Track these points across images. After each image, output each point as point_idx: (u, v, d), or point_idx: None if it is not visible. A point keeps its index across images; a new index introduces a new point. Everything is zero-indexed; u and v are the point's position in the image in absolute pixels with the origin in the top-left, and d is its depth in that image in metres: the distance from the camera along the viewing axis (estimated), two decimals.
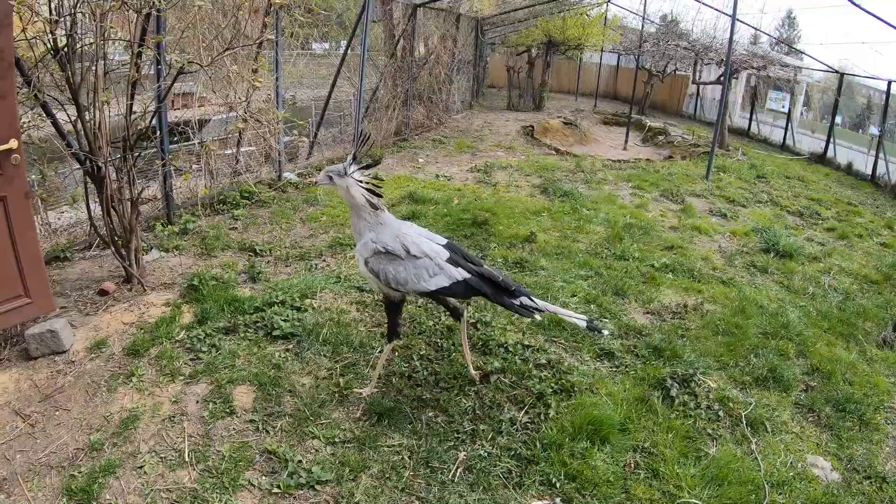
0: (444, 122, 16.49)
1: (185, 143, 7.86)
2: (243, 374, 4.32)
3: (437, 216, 7.91)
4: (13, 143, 4.13)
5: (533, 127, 16.89)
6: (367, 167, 3.75)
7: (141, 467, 3.50)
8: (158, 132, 5.92)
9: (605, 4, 24.42)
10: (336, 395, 4.19)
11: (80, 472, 3.44)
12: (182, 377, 4.30)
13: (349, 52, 11.49)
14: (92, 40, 4.81)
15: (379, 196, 3.72)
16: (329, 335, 4.79)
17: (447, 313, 4.76)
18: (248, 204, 8.00)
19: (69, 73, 4.69)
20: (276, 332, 4.79)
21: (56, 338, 4.45)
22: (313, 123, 11.09)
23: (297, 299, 5.27)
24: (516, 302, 3.75)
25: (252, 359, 4.51)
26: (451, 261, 3.67)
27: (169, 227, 6.76)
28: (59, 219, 6.43)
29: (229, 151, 8.72)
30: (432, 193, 9.06)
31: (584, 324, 3.89)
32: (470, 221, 7.61)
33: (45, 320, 4.66)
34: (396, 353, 4.65)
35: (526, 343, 4.83)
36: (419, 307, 5.29)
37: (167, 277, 5.73)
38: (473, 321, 5.07)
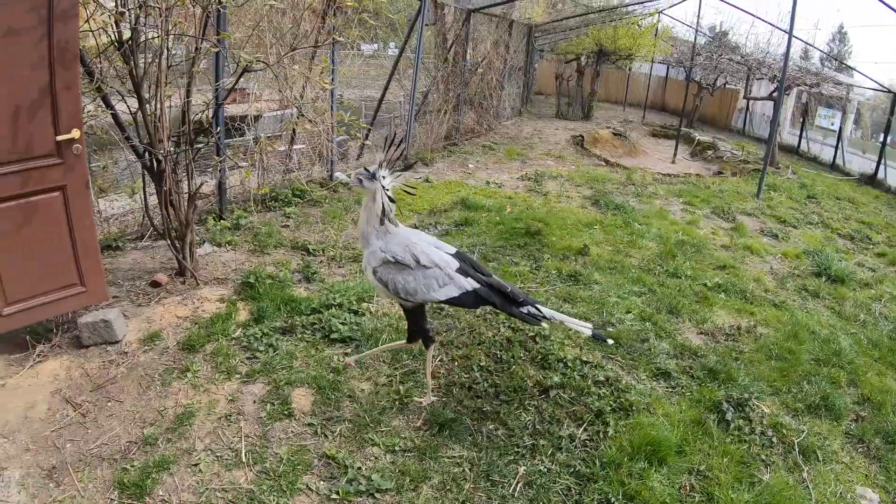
0: (494, 128, 16.40)
1: (240, 139, 7.89)
2: (301, 376, 4.28)
3: (489, 224, 7.83)
4: (75, 133, 4.16)
5: (583, 137, 16.70)
6: (398, 172, 3.67)
7: (196, 465, 3.48)
8: (216, 127, 5.92)
9: (656, 15, 24.09)
10: (396, 402, 4.13)
11: (132, 466, 3.43)
12: (238, 376, 4.28)
13: (400, 54, 11.49)
14: (154, 34, 4.83)
15: (392, 201, 3.64)
16: (388, 341, 4.73)
17: (506, 324, 4.71)
18: (299, 202, 8.01)
19: (132, 65, 4.71)
20: (333, 335, 4.75)
21: (109, 328, 4.46)
22: (347, 122, 11.08)
23: (354, 303, 5.23)
24: (524, 311, 3.72)
25: (310, 361, 4.47)
26: (460, 271, 3.61)
27: (221, 221, 6.79)
28: (109, 207, 6.48)
29: (281, 148, 8.75)
30: (484, 200, 8.99)
31: (589, 332, 3.83)
32: (523, 231, 7.52)
33: (97, 309, 4.69)
34: (456, 364, 4.58)
35: (584, 359, 4.72)
36: (478, 317, 5.22)
37: (220, 272, 5.75)
38: (532, 334, 4.97)
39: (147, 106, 4.86)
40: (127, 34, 4.69)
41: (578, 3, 21.40)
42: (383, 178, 3.55)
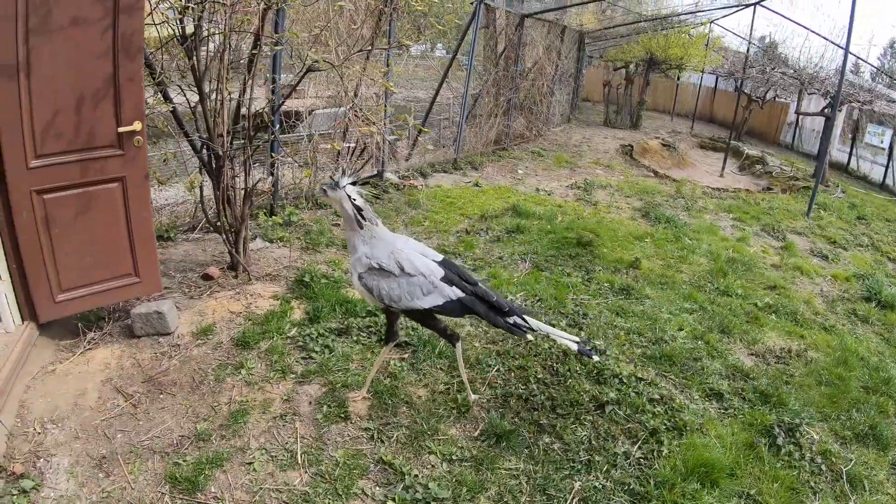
0: (544, 134, 16.27)
1: (292, 135, 7.91)
2: (357, 379, 4.24)
3: (541, 232, 7.74)
4: (137, 126, 4.18)
5: (632, 146, 16.46)
6: (360, 184, 3.66)
7: (250, 464, 3.45)
8: (274, 124, 5.92)
9: (708, 24, 23.64)
10: (453, 411, 4.07)
11: (185, 461, 3.42)
12: (294, 375, 4.26)
13: (453, 57, 11.44)
14: (217, 30, 4.84)
15: (360, 210, 3.57)
16: (445, 348, 4.67)
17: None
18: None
19: (195, 60, 4.72)
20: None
21: (162, 319, 4.47)
22: (412, 126, 11.02)
23: None
24: (510, 321, 3.63)
25: (366, 364, 4.43)
26: (445, 279, 3.54)
27: (273, 217, 6.79)
28: (159, 197, 6.53)
29: (326, 146, 8.75)
30: (534, 208, 8.89)
31: (575, 347, 3.73)
32: (574, 241, 7.41)
33: (150, 300, 4.71)
34: (513, 374, 4.51)
35: (639, 376, 4.62)
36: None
37: (272, 269, 5.75)
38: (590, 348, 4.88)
39: (207, 101, 4.86)
40: (190, 29, 4.70)
41: (630, 11, 21.07)
42: (345, 187, 3.53)
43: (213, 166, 5.05)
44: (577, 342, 3.70)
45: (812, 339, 5.92)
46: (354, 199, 3.52)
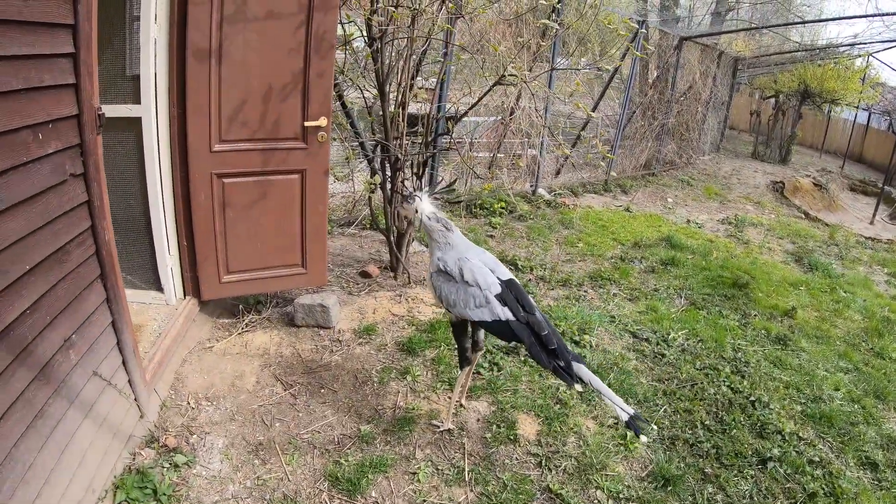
0: (692, 162, 15.65)
1: (448, 141, 7.88)
2: (526, 401, 4.08)
3: (695, 268, 7.35)
4: (322, 121, 4.20)
5: (783, 184, 15.54)
6: (437, 196, 3.65)
7: (414, 474, 3.36)
8: (437, 129, 5.87)
9: (867, 57, 21.95)
10: (621, 447, 3.84)
11: (346, 461, 3.36)
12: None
13: (612, 77, 11.14)
14: (402, 35, 4.82)
15: (436, 220, 3.51)
16: (614, 381, 4.46)
17: (726, 383, 4.57)
18: (503, 213, 7.86)
19: (379, 63, 4.71)
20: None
21: (326, 313, 4.48)
22: (567, 142, 10.79)
23: (576, 333, 4.99)
24: (559, 363, 3.27)
25: (534, 387, 4.27)
26: (499, 297, 3.33)
27: None
28: None
29: (482, 154, 8.68)
30: (687, 240, 8.49)
31: (626, 417, 3.23)
32: (730, 281, 6.99)
33: (314, 292, 4.73)
34: (679, 417, 4.24)
35: (800, 434, 4.27)
36: (698, 370, 4.85)
37: None
38: (752, 399, 4.55)
39: (387, 103, 4.84)
40: (377, 32, 4.70)
41: (787, 39, 19.99)
42: (420, 200, 3.52)
43: (387, 167, 5.03)
44: (630, 415, 3.25)
45: None
46: (427, 212, 3.51)
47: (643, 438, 3.63)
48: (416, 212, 3.53)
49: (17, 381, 2.34)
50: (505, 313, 3.32)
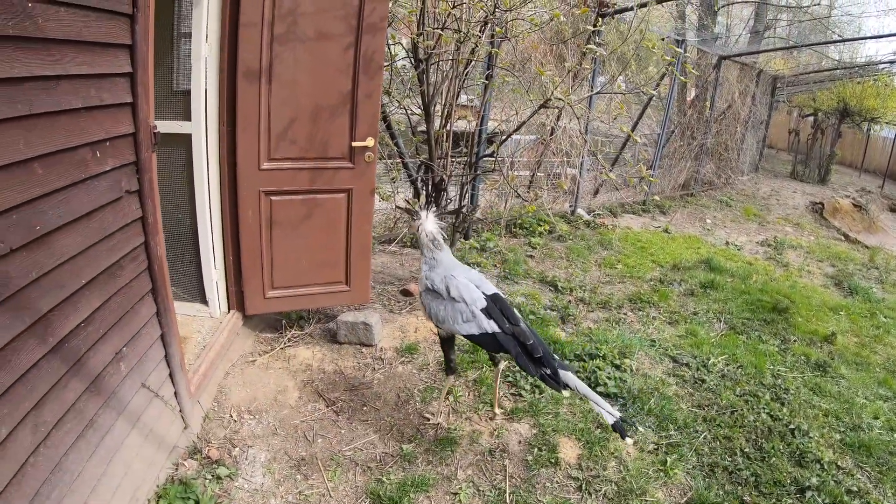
0: (731, 182, 15.41)
1: (492, 161, 7.87)
2: (567, 425, 4.02)
3: (734, 291, 7.20)
4: (370, 142, 4.22)
5: (822, 205, 15.22)
6: (441, 216, 3.75)
7: (455, 494, 3.31)
8: (477, 150, 5.86)
9: None
10: (661, 473, 3.75)
11: (388, 479, 3.33)
12: (502, 410, 4.09)
13: (651, 98, 11.02)
14: (448, 56, 4.83)
15: (433, 239, 3.64)
16: (654, 406, 4.38)
17: (766, 410, 4.48)
18: (542, 233, 7.82)
19: (425, 85, 4.72)
20: (598, 389, 4.43)
21: (369, 331, 4.47)
22: (606, 161, 10.69)
23: (617, 357, 4.90)
24: (545, 371, 3.35)
25: (575, 411, 4.20)
26: (485, 311, 3.43)
27: (468, 240, 6.73)
28: None
29: (522, 174, 8.64)
30: (726, 263, 8.33)
31: (612, 420, 3.27)
32: (770, 306, 6.82)
33: (356, 309, 4.73)
34: (718, 444, 4.15)
35: (839, 464, 4.14)
36: (739, 397, 4.74)
37: None
38: (792, 427, 4.44)
39: (433, 124, 4.84)
40: (423, 54, 4.71)
41: (825, 56, 19.63)
42: (428, 217, 3.64)
43: (430, 187, 5.02)
44: (616, 418, 3.30)
45: None
46: (427, 230, 3.62)
47: (628, 440, 3.75)
48: (418, 228, 3.64)
49: (69, 392, 2.35)
50: (491, 326, 3.42)
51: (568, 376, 3.34)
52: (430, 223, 3.61)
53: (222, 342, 4.14)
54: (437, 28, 4.51)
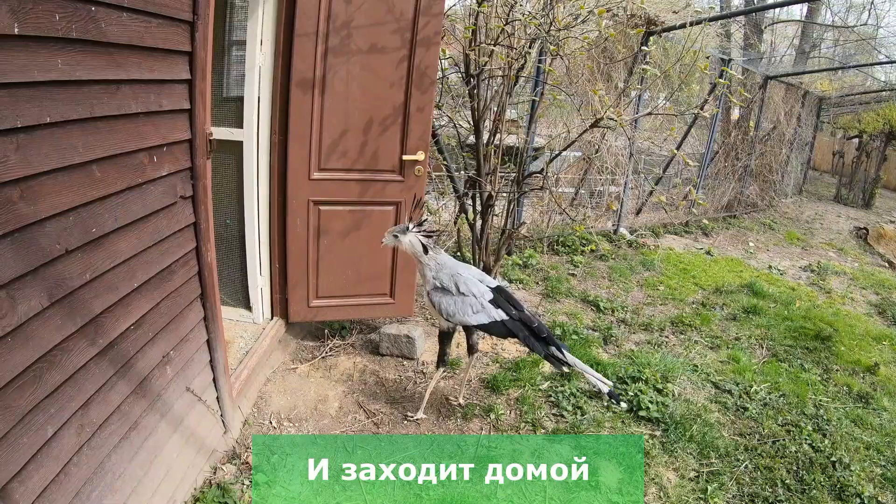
0: (775, 204, 15.08)
1: (540, 179, 7.81)
2: (608, 448, 3.87)
3: (777, 317, 6.97)
4: (420, 155, 4.18)
5: (867, 230, 14.81)
6: (422, 224, 3.78)
7: None
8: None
9: None
10: (701, 500, 3.63)
11: (427, 495, 3.24)
12: (543, 430, 4.00)
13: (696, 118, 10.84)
14: (498, 72, 4.78)
15: (430, 238, 3.77)
16: (696, 433, 4.24)
17: (808, 441, 4.32)
18: (584, 251, 7.69)
19: (475, 100, 4.66)
20: (641, 413, 4.32)
21: (411, 344, 4.42)
22: (644, 180, 10.53)
23: (659, 381, 4.75)
24: (550, 350, 3.71)
25: (617, 433, 4.10)
26: (493, 302, 3.72)
27: (510, 257, 6.64)
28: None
29: (567, 190, 8.55)
30: (768, 288, 8.08)
31: (606, 389, 3.77)
32: (812, 333, 6.59)
33: (399, 322, 4.68)
34: (759, 473, 4.01)
35: (880, 499, 3.96)
36: (780, 426, 4.58)
37: None
38: (833, 460, 4.28)
39: (482, 140, 4.78)
40: (475, 69, 4.65)
41: (870, 76, 19.10)
42: (413, 230, 3.71)
43: (477, 203, 4.96)
44: (610, 386, 3.80)
45: None
46: (405, 241, 3.72)
47: (623, 405, 4.20)
48: (409, 243, 3.72)
49: (115, 393, 2.33)
50: (499, 314, 3.70)
51: (567, 355, 3.69)
52: (410, 236, 3.70)
53: (264, 348, 4.12)
54: (490, 43, 4.44)
